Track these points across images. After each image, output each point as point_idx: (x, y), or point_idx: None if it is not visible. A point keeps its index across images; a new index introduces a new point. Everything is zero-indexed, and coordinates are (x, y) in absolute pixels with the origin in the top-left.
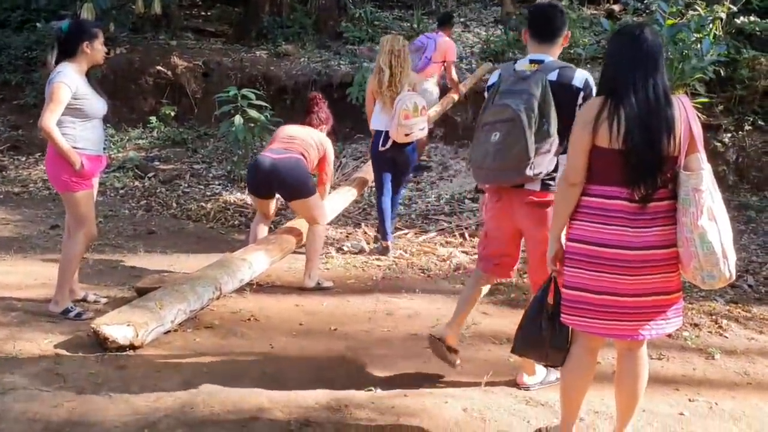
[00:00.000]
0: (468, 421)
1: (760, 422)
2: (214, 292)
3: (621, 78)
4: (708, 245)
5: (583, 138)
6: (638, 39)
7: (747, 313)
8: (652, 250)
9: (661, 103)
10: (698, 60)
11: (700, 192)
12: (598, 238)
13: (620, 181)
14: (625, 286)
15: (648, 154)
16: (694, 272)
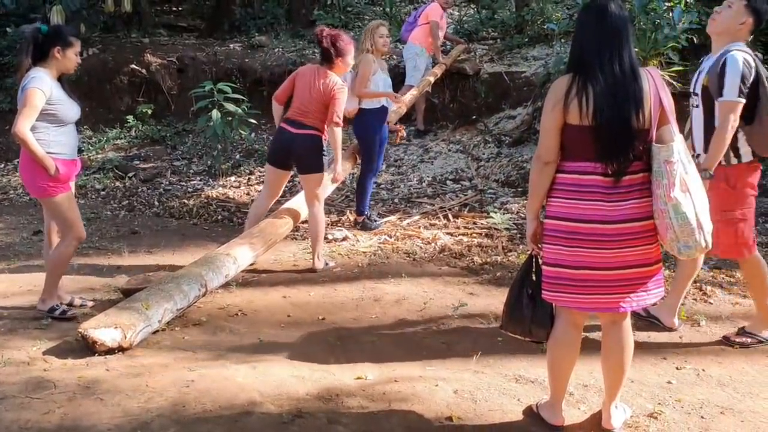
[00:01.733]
0: (459, 402)
1: (747, 385)
2: (200, 289)
3: (588, 54)
4: (682, 216)
5: (555, 116)
6: (604, 14)
7: (731, 278)
8: (629, 223)
9: (628, 77)
10: (671, 29)
11: (672, 164)
12: (574, 213)
13: (593, 157)
14: (603, 259)
15: (618, 129)
16: (671, 243)
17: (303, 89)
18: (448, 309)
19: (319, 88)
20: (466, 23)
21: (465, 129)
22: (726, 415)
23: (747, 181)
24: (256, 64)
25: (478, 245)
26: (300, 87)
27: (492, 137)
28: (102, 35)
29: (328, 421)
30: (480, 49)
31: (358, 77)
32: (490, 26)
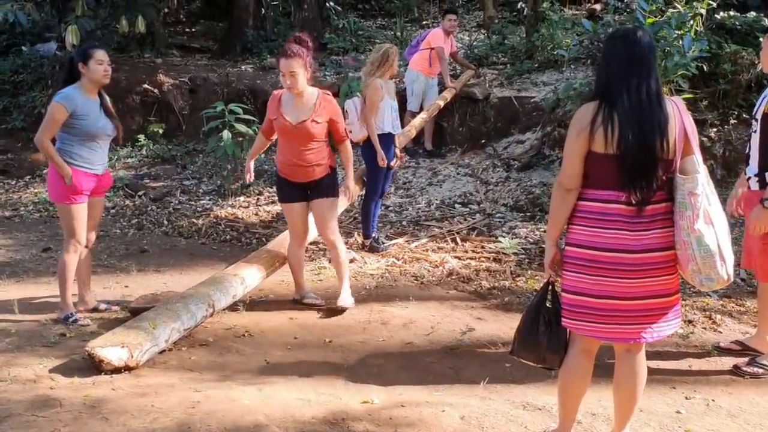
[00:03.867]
0: (466, 429)
1: (758, 417)
2: (208, 310)
3: (614, 82)
4: (705, 248)
5: (579, 144)
6: (631, 42)
7: (740, 307)
8: (651, 253)
9: (654, 105)
10: (680, 57)
11: (696, 195)
12: (597, 242)
13: (617, 186)
14: (625, 289)
15: (643, 158)
16: (692, 275)
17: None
18: (456, 333)
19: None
20: (476, 48)
21: (474, 153)
22: None
23: None
24: (268, 85)
25: (486, 269)
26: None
27: (501, 161)
28: (116, 55)
29: None
30: (490, 73)
31: (367, 103)
32: (500, 51)
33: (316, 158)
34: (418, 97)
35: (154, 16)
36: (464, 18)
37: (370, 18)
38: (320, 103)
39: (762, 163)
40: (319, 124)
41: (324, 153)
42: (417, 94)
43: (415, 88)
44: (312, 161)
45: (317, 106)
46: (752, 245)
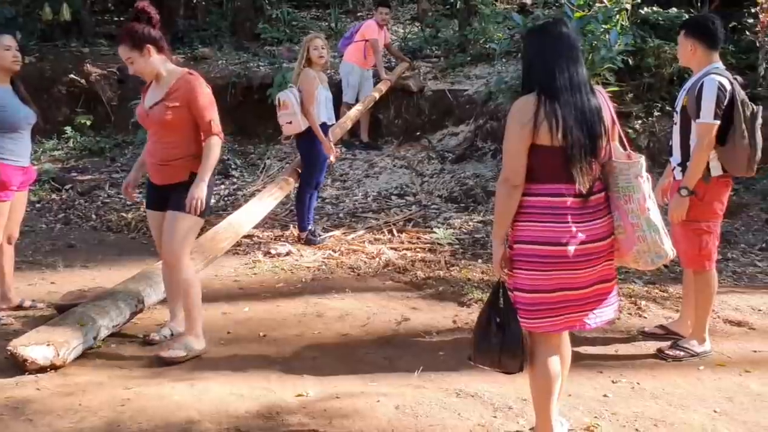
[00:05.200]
0: (400, 418)
1: (679, 398)
2: (137, 305)
3: (551, 74)
4: (654, 227)
5: (524, 138)
6: (561, 35)
7: (664, 293)
8: (599, 243)
9: (590, 95)
10: (607, 50)
11: (642, 178)
12: (549, 237)
13: (564, 178)
14: (579, 279)
15: (589, 148)
16: (640, 255)
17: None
18: (392, 324)
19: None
20: (410, 41)
21: (409, 145)
22: (659, 428)
23: (715, 194)
24: None
25: (421, 260)
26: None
27: (436, 153)
28: (40, 44)
29: None
30: (424, 66)
31: (304, 94)
32: (434, 44)
33: (170, 155)
34: (354, 89)
35: (80, 4)
36: (398, 10)
37: (305, 9)
38: (176, 84)
39: (684, 154)
40: (170, 109)
41: (183, 151)
42: (353, 86)
43: (350, 80)
44: (163, 158)
45: (172, 87)
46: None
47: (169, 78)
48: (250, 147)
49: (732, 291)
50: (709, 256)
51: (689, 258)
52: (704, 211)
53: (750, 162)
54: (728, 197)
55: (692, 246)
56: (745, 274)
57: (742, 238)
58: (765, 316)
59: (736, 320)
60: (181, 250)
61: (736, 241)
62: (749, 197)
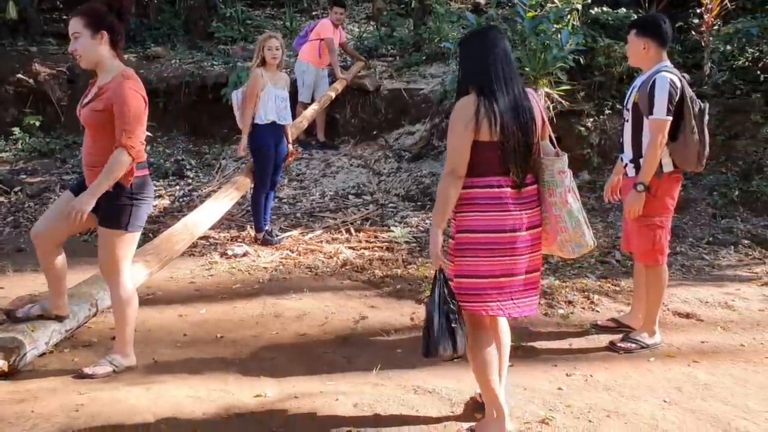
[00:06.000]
0: (359, 416)
1: (630, 389)
2: (90, 309)
3: (487, 76)
4: (575, 219)
5: (468, 134)
6: (495, 40)
7: (616, 287)
8: (535, 229)
9: (523, 95)
10: (559, 50)
11: (564, 173)
12: (491, 225)
13: (501, 171)
14: (519, 265)
15: (522, 143)
16: (563, 244)
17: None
18: (349, 323)
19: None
20: (366, 40)
21: (366, 144)
22: (612, 418)
23: (667, 190)
24: (152, 75)
25: (379, 259)
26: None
27: (392, 152)
28: None
29: None
30: (380, 65)
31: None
32: (390, 43)
33: (95, 161)
34: (309, 88)
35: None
36: (354, 9)
37: (259, 7)
38: (107, 85)
39: (635, 151)
40: (94, 112)
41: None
42: (308, 85)
43: (305, 79)
44: (89, 163)
45: (102, 89)
46: (628, 228)
47: (107, 76)
48: (205, 147)
49: (681, 284)
50: (662, 251)
51: (643, 253)
52: (657, 207)
53: (699, 157)
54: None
55: (646, 241)
56: (693, 267)
57: (690, 233)
58: (712, 308)
59: (685, 312)
60: (114, 267)
61: (685, 235)
62: (697, 192)
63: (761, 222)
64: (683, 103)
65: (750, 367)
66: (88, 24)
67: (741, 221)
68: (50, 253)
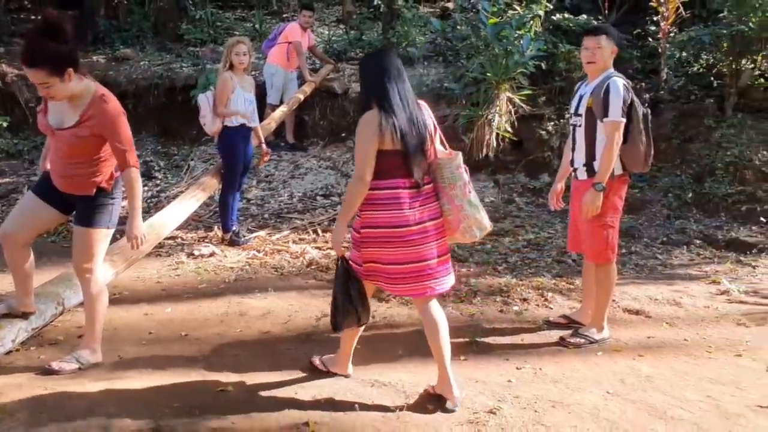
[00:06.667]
0: (316, 409)
1: (576, 381)
2: (57, 308)
3: (386, 93)
4: (475, 207)
5: (373, 144)
6: (390, 60)
7: (570, 285)
8: (434, 221)
9: (417, 108)
10: (520, 55)
11: (462, 168)
12: (393, 221)
13: (401, 174)
14: (427, 252)
15: (420, 149)
16: (466, 230)
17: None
18: (312, 320)
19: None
20: (335, 43)
21: (335, 146)
22: (556, 408)
23: (617, 191)
24: (121, 77)
25: None
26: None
27: None
28: None
29: None
30: (349, 68)
31: (216, 98)
32: (358, 47)
33: (75, 172)
34: (278, 90)
35: None
36: (324, 12)
37: (230, 9)
38: (89, 111)
39: (588, 154)
40: (81, 138)
41: (88, 169)
42: (277, 87)
43: (274, 81)
44: (67, 173)
45: (84, 115)
46: (580, 229)
47: (82, 99)
48: (174, 148)
49: (633, 282)
50: (613, 249)
51: (596, 252)
52: (608, 207)
53: (646, 158)
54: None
55: (599, 240)
56: (647, 266)
57: (645, 233)
58: (660, 304)
59: (634, 309)
60: (94, 265)
61: (640, 235)
62: (652, 194)
63: (713, 223)
64: (631, 107)
65: (691, 360)
66: (53, 71)
67: (694, 222)
68: (18, 253)
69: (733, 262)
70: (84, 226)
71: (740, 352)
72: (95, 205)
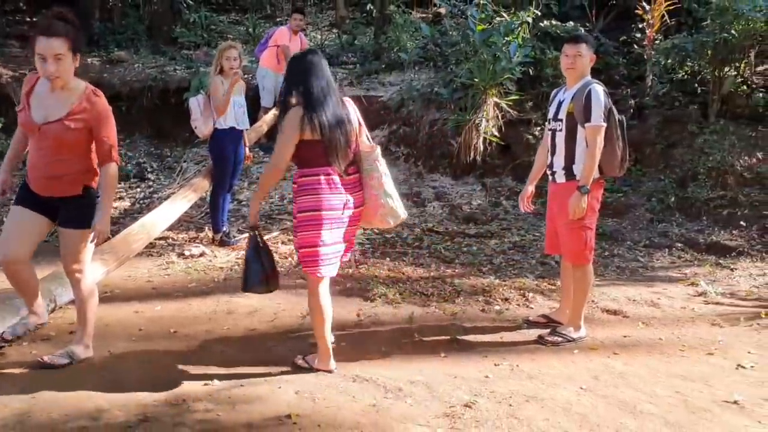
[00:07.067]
0: (299, 402)
1: (552, 378)
2: (49, 305)
3: (311, 90)
4: (390, 196)
5: (294, 138)
6: (312, 62)
7: (552, 286)
8: (357, 209)
9: (340, 104)
10: (507, 61)
11: (379, 161)
12: (324, 205)
13: (327, 163)
14: (347, 235)
15: (342, 141)
16: (383, 217)
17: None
18: (297, 319)
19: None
20: (327, 47)
21: None
22: (530, 403)
23: (594, 194)
24: (115, 79)
25: None
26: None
27: None
28: None
29: (173, 424)
30: (340, 73)
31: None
32: (350, 51)
33: (61, 171)
34: (270, 93)
35: None
36: (318, 17)
37: (224, 13)
38: (82, 103)
39: (568, 158)
40: (71, 131)
41: (75, 167)
42: (269, 90)
43: (266, 84)
44: (53, 173)
45: (77, 106)
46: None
47: (73, 93)
48: (167, 150)
49: (613, 284)
50: (591, 250)
51: (575, 253)
52: (586, 209)
53: (622, 163)
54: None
55: (578, 242)
56: (628, 268)
57: (628, 236)
58: (638, 305)
59: (613, 309)
60: (80, 264)
61: (623, 238)
62: (636, 198)
63: (694, 226)
64: (610, 113)
65: (664, 358)
66: (72, 47)
67: (676, 226)
68: (23, 271)
69: (712, 264)
70: (74, 227)
71: (712, 351)
72: (84, 204)
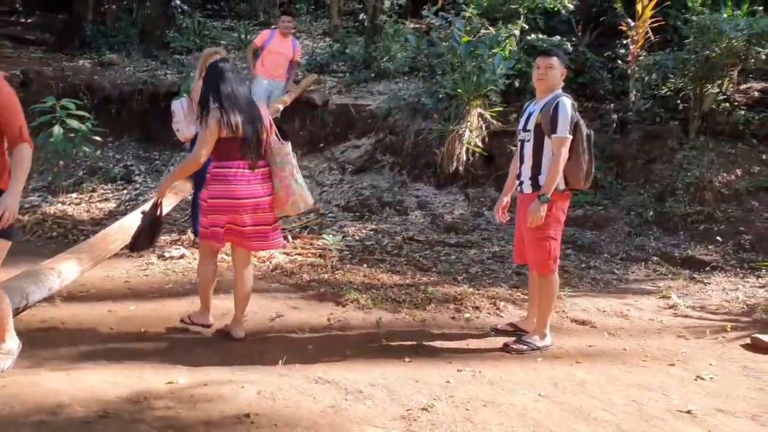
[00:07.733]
0: (259, 401)
1: (512, 384)
2: (21, 302)
3: (226, 93)
4: (300, 185)
5: (214, 135)
6: (223, 70)
7: (525, 296)
8: (263, 198)
9: (253, 105)
10: (491, 73)
11: (290, 155)
12: (229, 194)
13: (239, 157)
14: (244, 219)
15: (255, 138)
16: (293, 205)
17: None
18: (267, 321)
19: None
20: (318, 55)
21: (313, 156)
22: (487, 408)
23: (559, 205)
24: (106, 82)
25: (309, 264)
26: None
27: (337, 165)
28: None
29: (132, 420)
30: (330, 81)
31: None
32: (341, 60)
33: None
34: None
35: None
36: (312, 24)
37: (219, 18)
38: None
39: (535, 168)
40: None
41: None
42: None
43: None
44: None
45: None
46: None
47: None
48: (156, 153)
49: (586, 295)
50: (555, 260)
51: (540, 263)
52: (551, 221)
53: (587, 176)
54: (567, 208)
55: (543, 252)
56: (603, 280)
57: (606, 249)
58: (607, 316)
59: (581, 320)
60: None
61: (600, 251)
62: (616, 212)
63: (671, 240)
64: (577, 126)
65: (625, 368)
66: None
67: (653, 239)
68: None
69: (686, 278)
70: None
71: (674, 361)
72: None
